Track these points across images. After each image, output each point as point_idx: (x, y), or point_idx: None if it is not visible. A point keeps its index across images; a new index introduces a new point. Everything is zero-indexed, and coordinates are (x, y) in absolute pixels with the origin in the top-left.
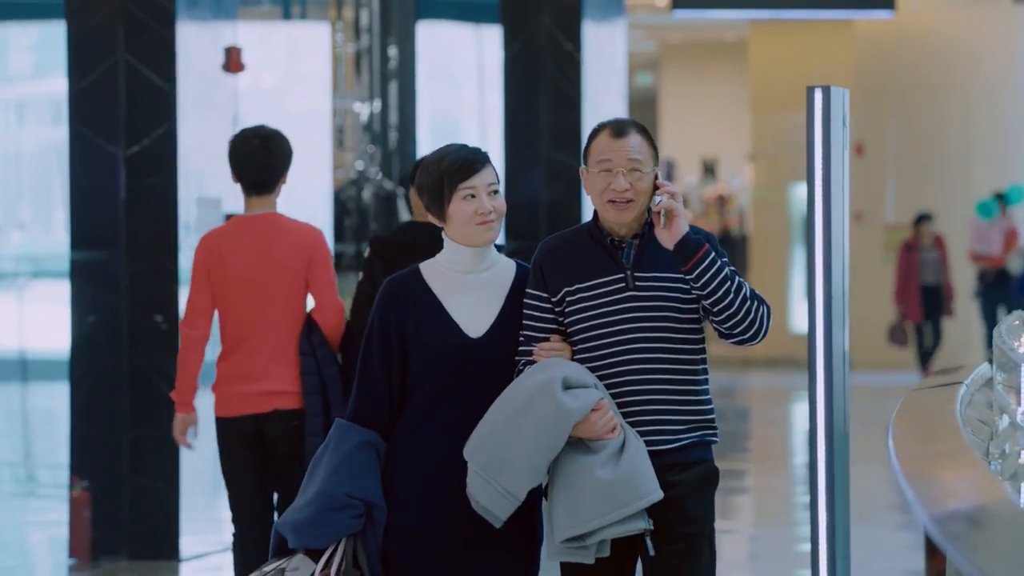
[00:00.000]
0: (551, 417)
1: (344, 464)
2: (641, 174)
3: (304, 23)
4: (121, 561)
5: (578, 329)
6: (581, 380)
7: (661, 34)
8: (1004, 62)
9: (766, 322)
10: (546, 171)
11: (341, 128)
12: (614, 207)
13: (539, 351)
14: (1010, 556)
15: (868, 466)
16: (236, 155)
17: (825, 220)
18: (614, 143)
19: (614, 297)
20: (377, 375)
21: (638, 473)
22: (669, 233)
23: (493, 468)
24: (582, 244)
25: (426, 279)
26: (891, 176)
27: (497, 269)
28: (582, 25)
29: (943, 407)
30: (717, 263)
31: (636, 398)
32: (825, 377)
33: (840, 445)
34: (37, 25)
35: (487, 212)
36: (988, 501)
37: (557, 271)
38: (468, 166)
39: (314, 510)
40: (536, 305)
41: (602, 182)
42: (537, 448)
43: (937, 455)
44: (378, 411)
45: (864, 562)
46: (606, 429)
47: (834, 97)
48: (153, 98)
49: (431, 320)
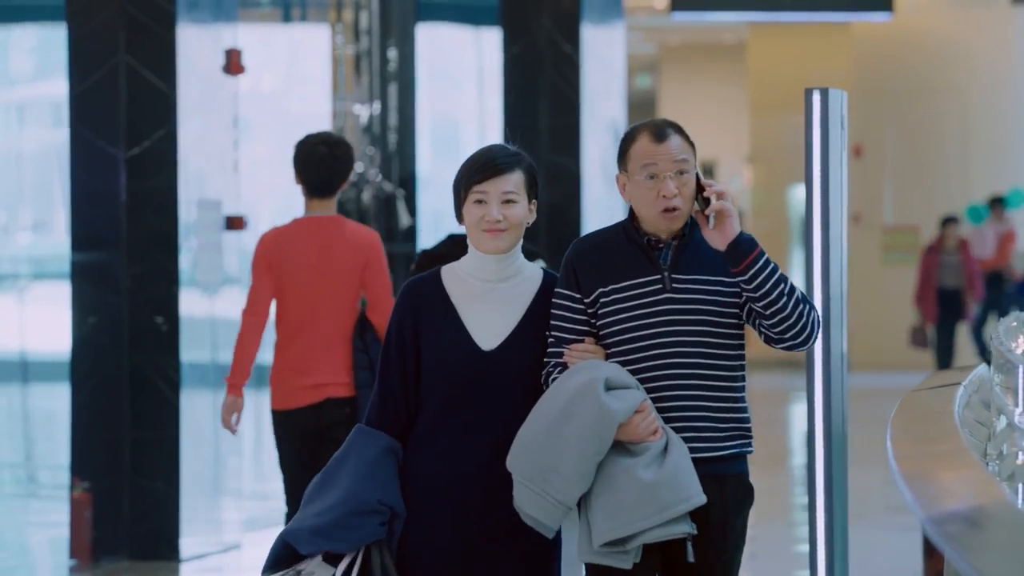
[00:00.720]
0: (595, 419)
1: (375, 469)
2: (688, 176)
3: (304, 25)
4: (122, 561)
5: (612, 332)
6: (623, 381)
7: (660, 36)
8: (1001, 64)
9: (816, 327)
10: (546, 173)
11: (341, 130)
12: (665, 217)
13: (571, 353)
14: (1007, 556)
15: (866, 467)
16: (302, 160)
17: (824, 221)
18: (657, 147)
19: (650, 299)
20: (394, 381)
21: (682, 475)
22: (721, 234)
23: (540, 477)
24: (617, 244)
25: (445, 285)
26: (889, 178)
27: (521, 279)
28: (581, 27)
29: (941, 408)
30: (771, 264)
31: (672, 404)
32: (823, 378)
33: (838, 446)
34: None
35: (494, 220)
36: (986, 502)
37: (590, 271)
38: (484, 169)
39: (343, 513)
40: (568, 306)
41: (649, 190)
42: (583, 452)
43: (935, 456)
44: (398, 416)
45: (862, 562)
46: (649, 431)
47: (832, 99)
48: (153, 100)
49: (444, 329)
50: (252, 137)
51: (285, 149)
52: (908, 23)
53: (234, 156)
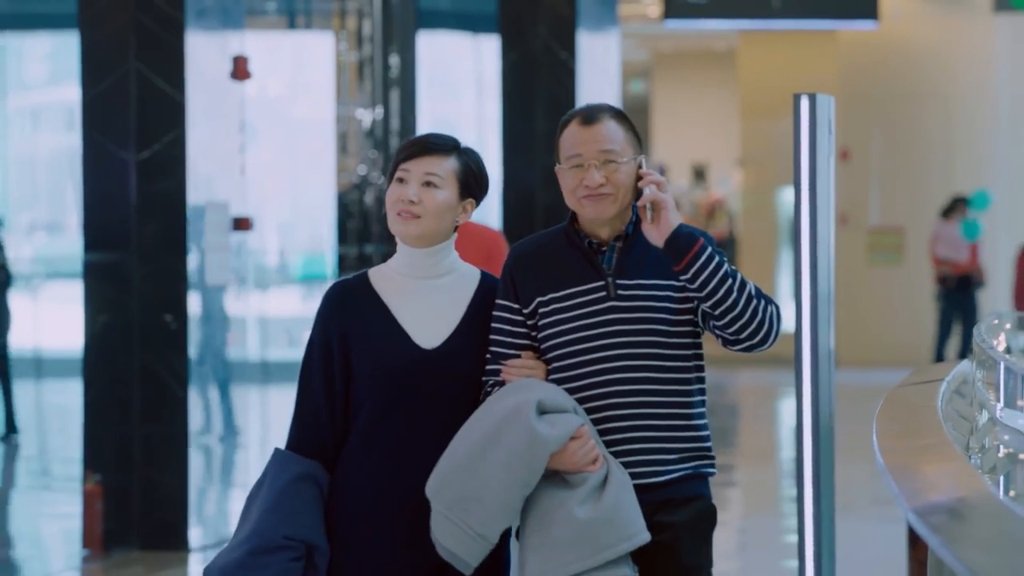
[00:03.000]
0: (525, 447)
1: (281, 500)
2: (618, 165)
3: (309, 33)
4: (132, 552)
5: (553, 345)
6: (558, 404)
7: (653, 43)
8: (983, 71)
9: (776, 323)
10: (542, 175)
11: (344, 134)
12: (590, 202)
13: (508, 370)
14: (989, 547)
15: (853, 461)
16: None
17: (811, 223)
18: (584, 133)
19: (593, 308)
20: (318, 396)
21: (623, 511)
22: (657, 229)
23: (460, 507)
24: (557, 248)
25: (374, 285)
26: (874, 181)
27: (456, 276)
28: (577, 35)
29: (925, 404)
30: (715, 259)
31: (620, 424)
32: (811, 375)
33: (826, 440)
34: (52, 36)
35: (407, 200)
36: (968, 494)
37: (528, 279)
38: (412, 146)
39: (244, 552)
40: (506, 318)
41: (574, 179)
42: (510, 483)
43: (919, 450)
44: (320, 437)
45: (849, 552)
46: (587, 460)
47: (820, 104)
48: (163, 106)
49: (377, 329)
50: (259, 141)
51: (290, 152)
52: (893, 31)
53: (241, 159)
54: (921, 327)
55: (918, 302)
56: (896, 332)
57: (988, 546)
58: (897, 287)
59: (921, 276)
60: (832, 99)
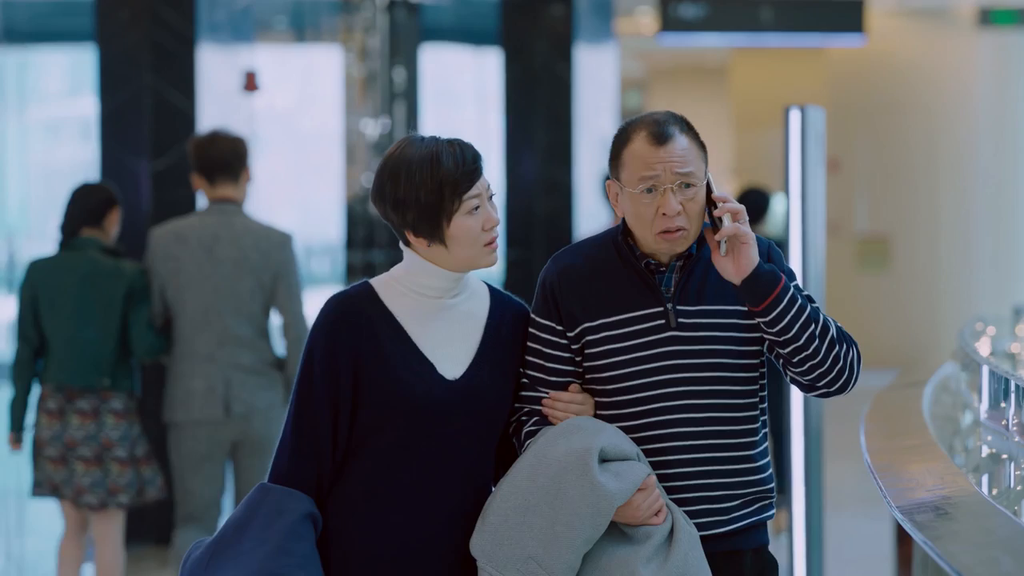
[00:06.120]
0: (590, 504)
1: (289, 543)
2: (695, 190)
3: (317, 47)
4: (147, 547)
5: (602, 378)
6: (621, 451)
7: (649, 58)
8: (965, 84)
9: (856, 369)
10: (542, 185)
11: (352, 146)
12: (666, 240)
13: (554, 405)
14: (973, 543)
15: (841, 460)
16: None
17: (803, 230)
18: (659, 153)
19: (651, 338)
20: (320, 423)
21: (692, 569)
22: (735, 266)
23: (514, 567)
24: (607, 265)
25: (385, 302)
26: (861, 190)
27: (470, 294)
28: (575, 50)
29: (911, 405)
30: (798, 301)
31: (681, 470)
32: None
33: (815, 441)
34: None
35: (495, 224)
36: (952, 492)
37: (573, 298)
38: (470, 173)
39: None
40: (546, 339)
41: (648, 207)
42: (572, 541)
43: (905, 450)
44: (321, 473)
45: (837, 549)
46: (651, 512)
47: (810, 116)
48: (176, 118)
49: (396, 355)
50: (268, 153)
51: (299, 164)
52: (879, 47)
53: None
54: (907, 332)
55: (904, 308)
56: (883, 337)
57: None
58: (883, 294)
59: (906, 283)
60: (823, 111)
